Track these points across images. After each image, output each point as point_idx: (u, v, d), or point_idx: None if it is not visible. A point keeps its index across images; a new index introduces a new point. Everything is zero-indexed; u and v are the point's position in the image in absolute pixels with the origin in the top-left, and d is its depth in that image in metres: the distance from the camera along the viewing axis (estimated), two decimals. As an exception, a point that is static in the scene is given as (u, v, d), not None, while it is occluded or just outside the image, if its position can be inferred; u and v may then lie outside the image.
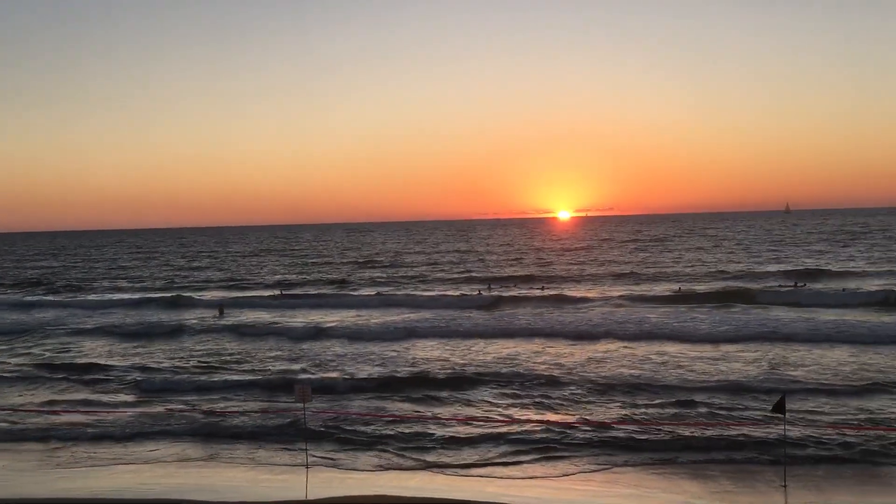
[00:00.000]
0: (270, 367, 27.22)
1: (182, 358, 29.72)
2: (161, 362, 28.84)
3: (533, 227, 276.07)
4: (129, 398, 22.94)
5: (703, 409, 19.29)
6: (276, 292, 54.68)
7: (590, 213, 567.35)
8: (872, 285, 47.18)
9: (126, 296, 55.93)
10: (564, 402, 20.62)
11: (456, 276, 66.25)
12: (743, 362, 25.27)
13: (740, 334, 30.28)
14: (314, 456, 16.65)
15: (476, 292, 49.84)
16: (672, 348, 28.38)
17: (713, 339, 29.70)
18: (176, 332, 36.97)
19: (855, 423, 17.68)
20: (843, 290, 44.20)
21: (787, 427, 15.89)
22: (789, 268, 60.59)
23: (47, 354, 31.38)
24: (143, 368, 27.57)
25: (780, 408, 14.70)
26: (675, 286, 50.37)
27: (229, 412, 20.53)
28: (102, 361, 29.27)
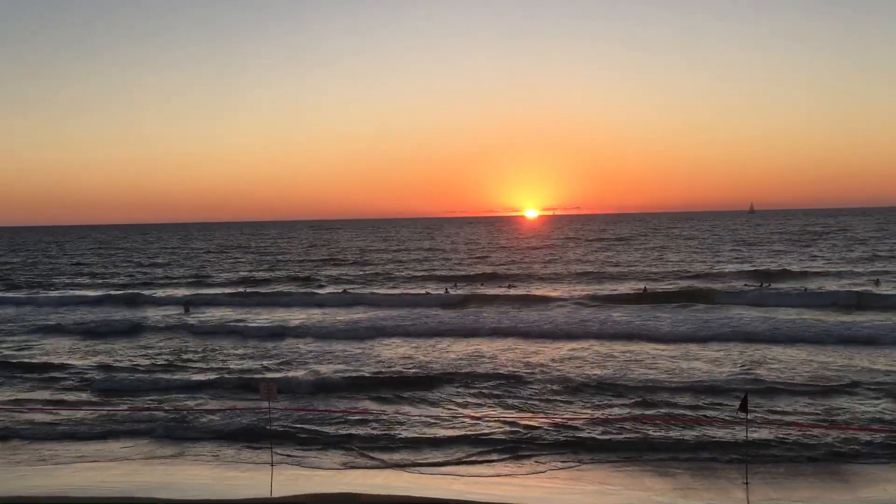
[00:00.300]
0: (235, 366, 27.07)
1: (146, 356, 29.45)
2: (124, 361, 28.56)
3: (500, 225, 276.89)
4: (92, 397, 22.71)
5: (667, 409, 19.54)
6: (241, 290, 54.38)
7: (557, 212, 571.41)
8: (833, 285, 48.03)
9: (88, 292, 55.30)
10: (530, 402, 20.75)
11: (422, 274, 66.31)
12: (706, 361, 25.58)
13: (704, 334, 30.63)
14: (279, 454, 16.62)
15: (443, 290, 49.94)
16: (637, 347, 28.65)
17: (677, 339, 30.03)
18: (139, 329, 36.63)
19: (816, 421, 18.00)
20: (805, 289, 44.89)
21: (749, 425, 16.14)
22: (752, 268, 61.43)
23: (6, 352, 30.89)
24: (106, 367, 27.27)
25: (743, 406, 14.96)
26: (641, 285, 50.86)
27: (194, 410, 20.41)
28: (64, 360, 28.93)
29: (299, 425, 18.79)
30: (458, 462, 15.91)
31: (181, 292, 54.67)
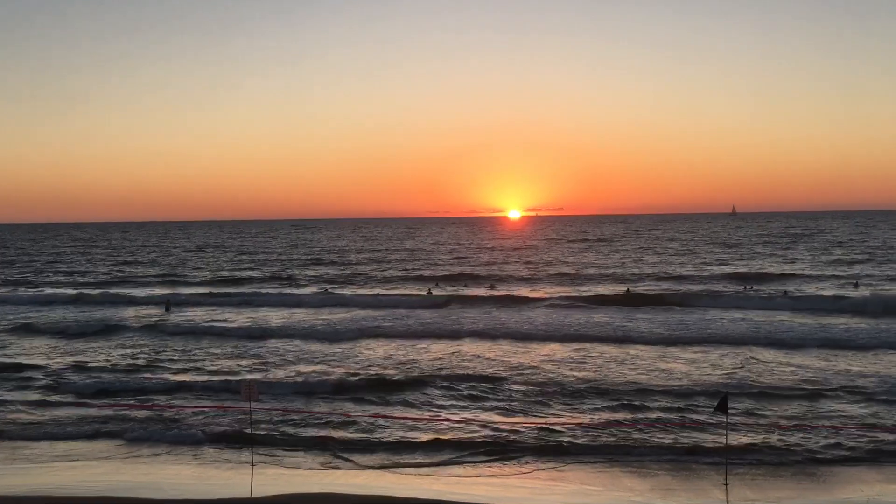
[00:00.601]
0: (216, 366, 27.00)
1: (126, 355, 29.31)
2: (104, 360, 28.42)
3: (483, 225, 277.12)
4: (71, 398, 22.54)
5: (647, 411, 19.67)
6: (222, 289, 54.19)
7: (539, 213, 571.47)
8: (812, 288, 48.47)
9: (67, 291, 54.87)
10: (512, 404, 20.83)
11: (404, 274, 66.38)
12: (686, 363, 25.77)
13: (684, 336, 30.84)
14: (260, 454, 16.62)
15: (426, 291, 49.97)
16: (617, 349, 28.79)
17: (658, 341, 30.19)
18: (119, 329, 36.41)
19: (795, 424, 18.18)
20: (785, 292, 45.28)
21: (729, 427, 16.32)
22: (733, 270, 61.91)
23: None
24: (85, 367, 27.12)
25: (722, 407, 15.12)
26: (621, 287, 51.14)
27: (174, 410, 20.36)
28: (41, 360, 28.74)
29: (280, 426, 18.79)
30: (440, 463, 15.96)
31: (162, 291, 54.41)
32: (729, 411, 15.62)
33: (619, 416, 19.13)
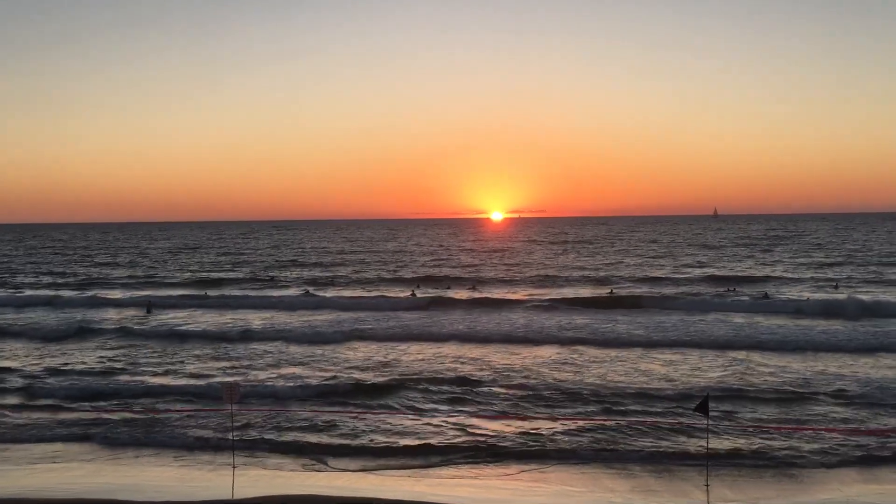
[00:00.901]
0: (197, 368, 26.90)
1: (104, 358, 29.13)
2: (83, 363, 28.25)
3: (466, 227, 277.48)
4: (49, 401, 22.37)
5: (629, 414, 19.78)
6: (203, 291, 53.97)
7: (522, 215, 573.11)
8: (792, 291, 48.81)
9: (45, 292, 54.45)
10: (495, 406, 20.88)
11: (386, 276, 66.27)
12: (665, 365, 25.91)
13: (666, 339, 30.99)
14: (241, 456, 16.59)
15: (409, 293, 49.92)
16: (599, 352, 28.89)
17: (639, 343, 30.29)
18: (99, 331, 36.14)
19: (776, 426, 18.34)
20: (765, 294, 45.63)
21: (710, 429, 16.45)
22: (713, 272, 62.30)
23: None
24: (64, 370, 26.94)
25: (703, 409, 15.24)
26: (603, 289, 51.35)
27: (155, 411, 20.29)
28: (18, 364, 28.53)
29: (262, 428, 18.76)
30: (422, 466, 15.99)
31: (142, 293, 54.12)
32: (710, 413, 15.75)
33: (601, 418, 19.22)
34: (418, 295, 48.78)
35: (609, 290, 49.80)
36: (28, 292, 55.17)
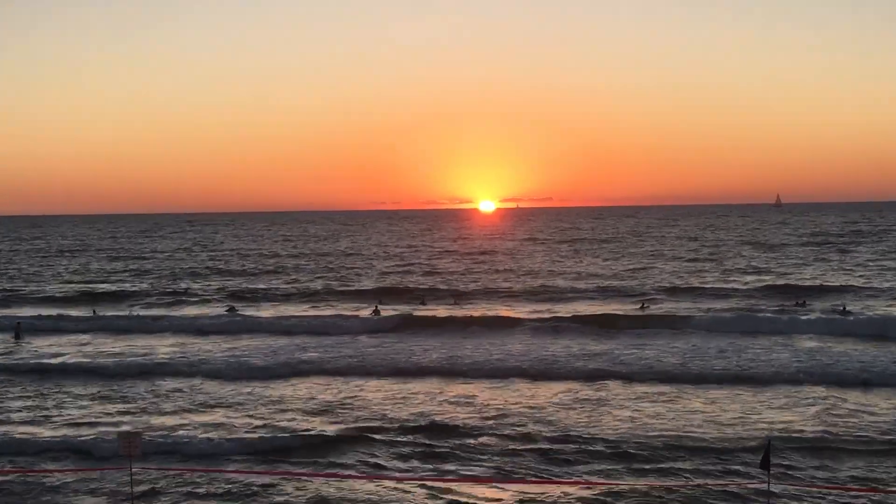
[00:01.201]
0: (82, 414, 26.80)
1: (-43, 400, 29.02)
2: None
3: (446, 221, 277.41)
4: None
5: (665, 473, 19.86)
6: (90, 309, 53.63)
7: (521, 205, 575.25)
8: (882, 306, 48.79)
9: None
10: (482, 465, 20.86)
11: (337, 287, 66.13)
12: (710, 403, 26.01)
13: (712, 371, 31.03)
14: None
15: (370, 311, 49.73)
16: (623, 389, 28.76)
17: (675, 378, 30.19)
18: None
19: (858, 487, 18.42)
20: (843, 307, 45.86)
21: (772, 490, 16.56)
22: (775, 281, 62.50)
23: None
24: None
25: (765, 463, 15.28)
26: (631, 304, 51.33)
27: (28, 473, 20.22)
28: None
29: (171, 495, 18.75)
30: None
31: (6, 312, 53.74)
32: (772, 467, 15.84)
33: (628, 481, 19.27)
34: (381, 313, 48.74)
35: (640, 305, 49.97)
36: None
